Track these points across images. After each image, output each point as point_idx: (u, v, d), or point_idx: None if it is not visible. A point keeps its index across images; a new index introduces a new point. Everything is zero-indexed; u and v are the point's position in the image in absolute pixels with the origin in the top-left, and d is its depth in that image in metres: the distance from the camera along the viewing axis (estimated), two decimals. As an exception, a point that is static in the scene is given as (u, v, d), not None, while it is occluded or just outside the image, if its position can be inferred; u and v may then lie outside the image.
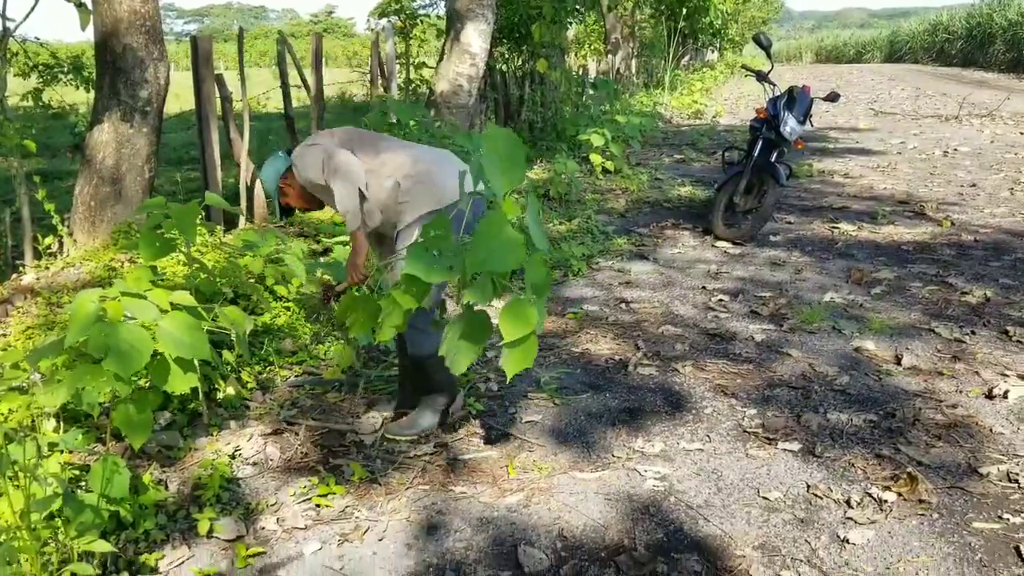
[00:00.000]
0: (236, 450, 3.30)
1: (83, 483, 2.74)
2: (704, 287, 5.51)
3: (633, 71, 19.27)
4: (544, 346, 4.45)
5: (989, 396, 3.79)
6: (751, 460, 3.28)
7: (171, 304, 2.72)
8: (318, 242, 5.65)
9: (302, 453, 3.35)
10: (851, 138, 12.81)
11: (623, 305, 5.16)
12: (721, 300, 5.22)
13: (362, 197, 3.16)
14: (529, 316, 2.21)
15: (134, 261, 4.65)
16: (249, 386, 3.80)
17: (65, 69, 6.23)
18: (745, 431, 3.52)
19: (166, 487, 3.01)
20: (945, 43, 37.88)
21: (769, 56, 7.01)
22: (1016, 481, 3.08)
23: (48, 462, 2.59)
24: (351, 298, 2.79)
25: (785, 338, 4.55)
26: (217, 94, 5.89)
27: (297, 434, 3.47)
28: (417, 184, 3.19)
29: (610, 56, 17.73)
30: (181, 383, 2.70)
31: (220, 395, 3.62)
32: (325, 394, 3.85)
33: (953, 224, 7.05)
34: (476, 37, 8.24)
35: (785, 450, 3.35)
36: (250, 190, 6.07)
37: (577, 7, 11.71)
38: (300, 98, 7.17)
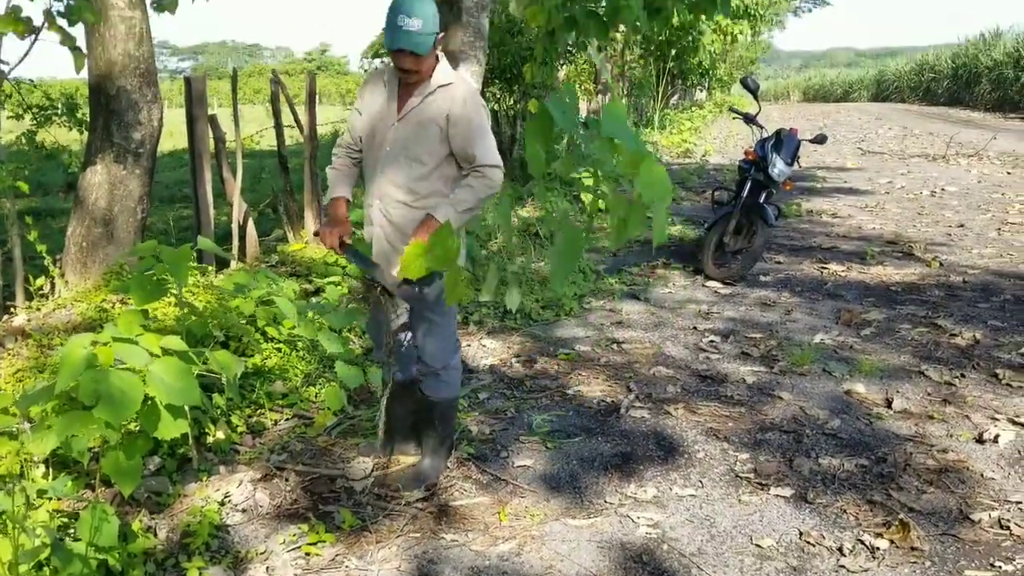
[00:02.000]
0: (225, 496, 3.27)
1: (72, 530, 2.71)
2: (695, 327, 5.53)
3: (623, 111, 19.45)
4: (536, 387, 4.45)
5: (980, 440, 3.80)
6: (744, 506, 3.28)
7: (162, 349, 2.71)
8: (310, 282, 5.65)
9: (292, 499, 3.32)
10: (839, 177, 12.93)
11: (615, 345, 5.17)
12: (712, 341, 5.24)
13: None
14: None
15: (125, 302, 4.65)
16: (239, 430, 3.78)
17: (59, 111, 6.26)
18: (737, 476, 3.51)
19: (155, 534, 2.98)
20: (931, 82, 38.42)
21: (756, 99, 7.10)
22: (1008, 528, 3.08)
23: (37, 513, 2.57)
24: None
25: (776, 380, 4.56)
26: (211, 134, 5.92)
27: (287, 479, 3.45)
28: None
29: (600, 96, 17.90)
30: (171, 429, 2.69)
31: (210, 439, 3.59)
32: (315, 438, 3.83)
33: (941, 265, 7.11)
34: (468, 78, 8.32)
35: (777, 496, 3.34)
36: (242, 229, 6.08)
37: (568, 48, 11.85)
38: (293, 136, 7.21)
